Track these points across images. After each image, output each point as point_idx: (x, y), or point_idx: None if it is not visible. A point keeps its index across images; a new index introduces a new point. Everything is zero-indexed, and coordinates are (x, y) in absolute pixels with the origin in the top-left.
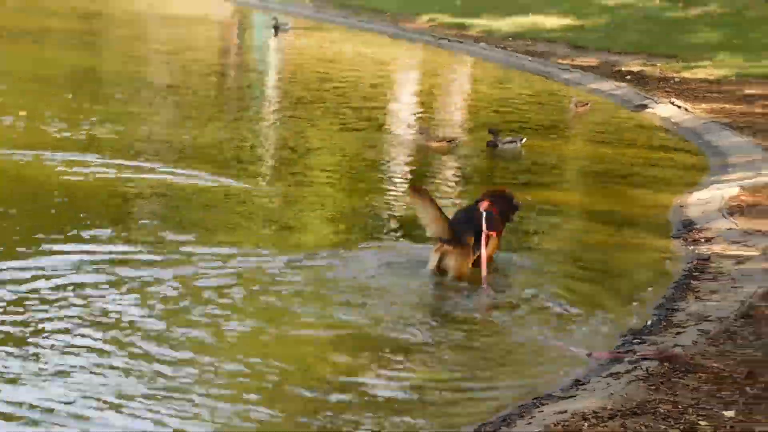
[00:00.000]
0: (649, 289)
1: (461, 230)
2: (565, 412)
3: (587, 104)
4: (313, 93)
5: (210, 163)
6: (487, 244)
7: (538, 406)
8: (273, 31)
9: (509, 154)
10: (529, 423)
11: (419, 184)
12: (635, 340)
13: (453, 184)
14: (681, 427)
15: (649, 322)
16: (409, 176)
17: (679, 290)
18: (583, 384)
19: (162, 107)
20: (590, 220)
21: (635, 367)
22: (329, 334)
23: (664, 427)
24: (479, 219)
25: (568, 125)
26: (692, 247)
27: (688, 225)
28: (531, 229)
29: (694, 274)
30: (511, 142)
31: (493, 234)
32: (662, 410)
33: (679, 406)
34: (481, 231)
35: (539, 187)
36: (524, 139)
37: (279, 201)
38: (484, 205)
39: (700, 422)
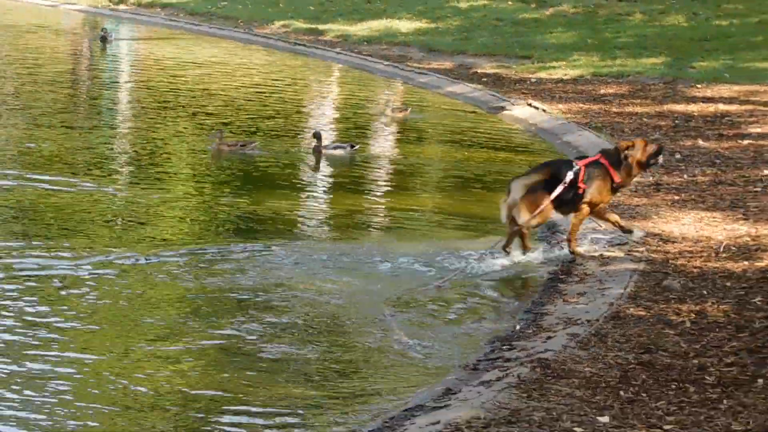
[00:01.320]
0: (518, 293)
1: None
2: (438, 422)
3: (407, 109)
4: (163, 99)
5: (62, 169)
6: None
7: (410, 418)
8: (101, 42)
9: (336, 159)
10: None
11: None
12: (504, 347)
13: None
14: None
15: (517, 327)
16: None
17: (546, 294)
18: (455, 393)
19: (10, 116)
20: (454, 225)
21: (507, 374)
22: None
23: None
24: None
25: (401, 128)
26: (557, 250)
27: (553, 227)
28: (390, 233)
29: (561, 276)
30: (337, 147)
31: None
32: (536, 418)
33: (553, 413)
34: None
35: (400, 191)
36: (356, 147)
37: (132, 203)
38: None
39: (575, 428)
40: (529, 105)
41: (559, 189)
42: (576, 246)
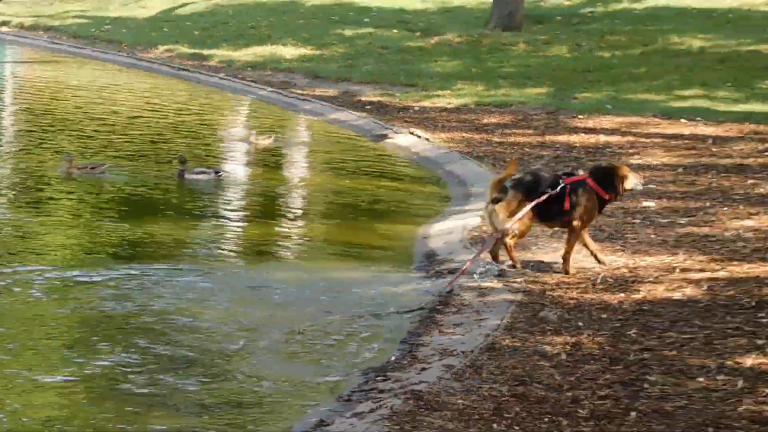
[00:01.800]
0: (394, 323)
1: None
2: None
3: (271, 137)
4: (41, 122)
5: None
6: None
7: None
8: None
9: (201, 184)
10: None
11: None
12: (378, 377)
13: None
14: None
15: (392, 358)
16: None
17: (423, 324)
18: (327, 425)
19: None
20: (331, 253)
21: (380, 406)
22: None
23: None
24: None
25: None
26: (435, 280)
27: (431, 257)
28: (281, 265)
29: (438, 307)
30: (201, 173)
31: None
32: None
33: None
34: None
35: (280, 218)
36: (221, 173)
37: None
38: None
39: None
40: (412, 133)
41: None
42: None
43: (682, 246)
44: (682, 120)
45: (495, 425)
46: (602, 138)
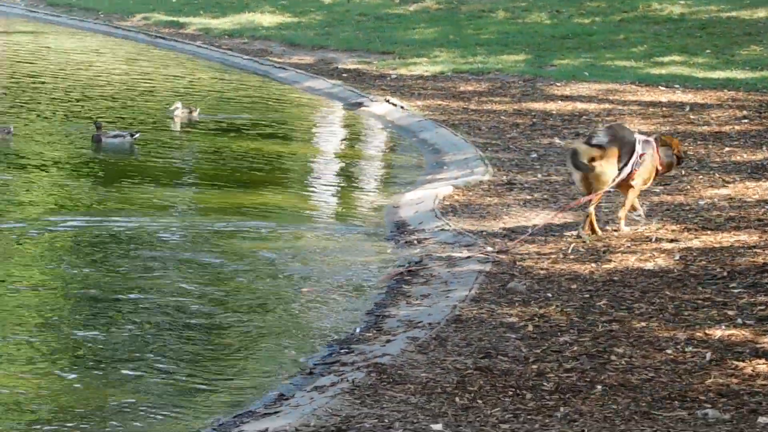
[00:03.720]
0: (360, 294)
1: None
2: (266, 430)
3: (196, 110)
4: (20, 90)
5: None
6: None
7: (239, 425)
8: None
9: (117, 148)
10: None
11: None
12: (342, 350)
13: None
14: None
15: (357, 330)
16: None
17: (390, 295)
18: (287, 399)
19: None
20: (300, 223)
21: (341, 380)
22: None
23: None
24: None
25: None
26: (405, 250)
27: (402, 226)
28: (243, 236)
29: (406, 278)
30: (117, 136)
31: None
32: (367, 425)
33: (385, 420)
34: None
35: (251, 186)
36: (137, 134)
37: None
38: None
39: None
40: (387, 101)
41: None
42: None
43: (655, 215)
44: (661, 87)
45: (458, 399)
46: (579, 105)
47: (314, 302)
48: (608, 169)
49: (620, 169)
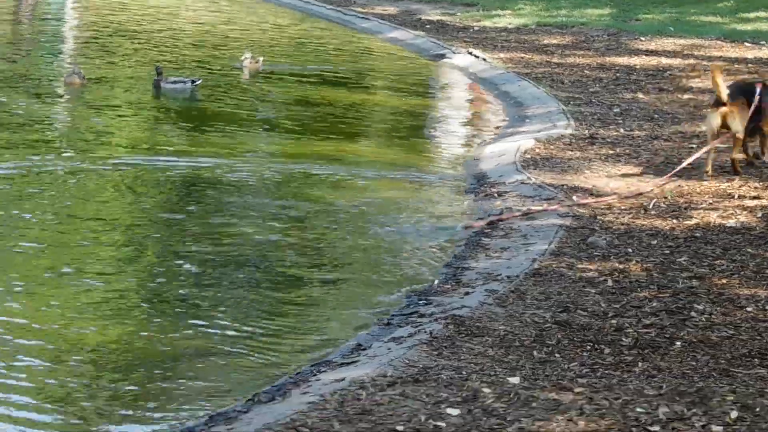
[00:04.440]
0: (439, 246)
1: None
2: (344, 380)
3: (258, 60)
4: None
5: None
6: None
7: (316, 374)
8: None
9: (178, 94)
10: (305, 392)
11: None
12: (420, 301)
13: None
14: (463, 395)
15: (435, 282)
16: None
17: (469, 248)
18: (364, 349)
19: None
20: (381, 173)
21: (419, 331)
22: None
23: (445, 395)
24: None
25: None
26: (485, 202)
27: (482, 179)
28: (321, 183)
29: (486, 230)
30: (177, 82)
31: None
32: (444, 377)
33: (462, 372)
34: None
35: (330, 134)
36: (199, 81)
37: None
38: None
39: (484, 389)
40: (470, 53)
41: None
42: None
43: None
44: (746, 43)
45: (535, 352)
46: (663, 60)
47: (393, 253)
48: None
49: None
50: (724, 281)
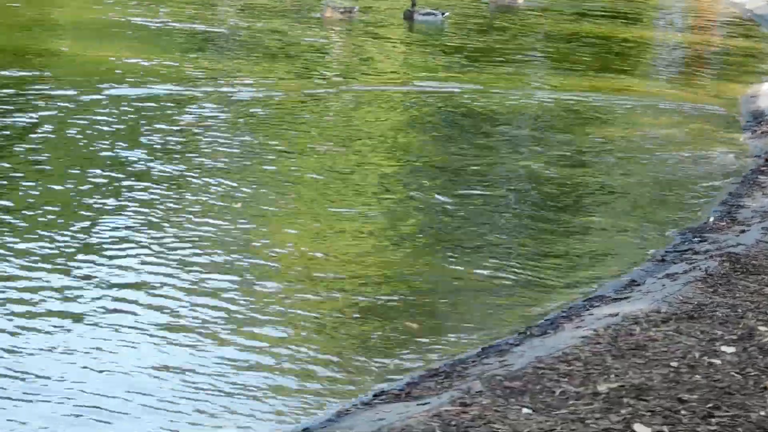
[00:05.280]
0: (715, 183)
1: None
2: (617, 314)
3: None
4: None
5: None
6: None
7: (588, 308)
8: None
9: (429, 26)
10: (578, 326)
11: None
12: (695, 238)
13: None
14: (738, 333)
15: (711, 219)
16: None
17: (745, 186)
18: (638, 284)
19: None
20: (656, 108)
21: (694, 268)
22: None
23: (720, 332)
24: None
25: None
26: (762, 140)
27: (759, 116)
28: (597, 117)
29: (763, 168)
30: (428, 14)
31: None
32: (719, 314)
33: (738, 309)
34: None
35: (601, 69)
36: (447, 13)
37: None
38: None
39: (759, 327)
40: None
41: None
42: None
43: None
44: None
45: None
46: None
47: (667, 189)
48: None
49: None
50: None
